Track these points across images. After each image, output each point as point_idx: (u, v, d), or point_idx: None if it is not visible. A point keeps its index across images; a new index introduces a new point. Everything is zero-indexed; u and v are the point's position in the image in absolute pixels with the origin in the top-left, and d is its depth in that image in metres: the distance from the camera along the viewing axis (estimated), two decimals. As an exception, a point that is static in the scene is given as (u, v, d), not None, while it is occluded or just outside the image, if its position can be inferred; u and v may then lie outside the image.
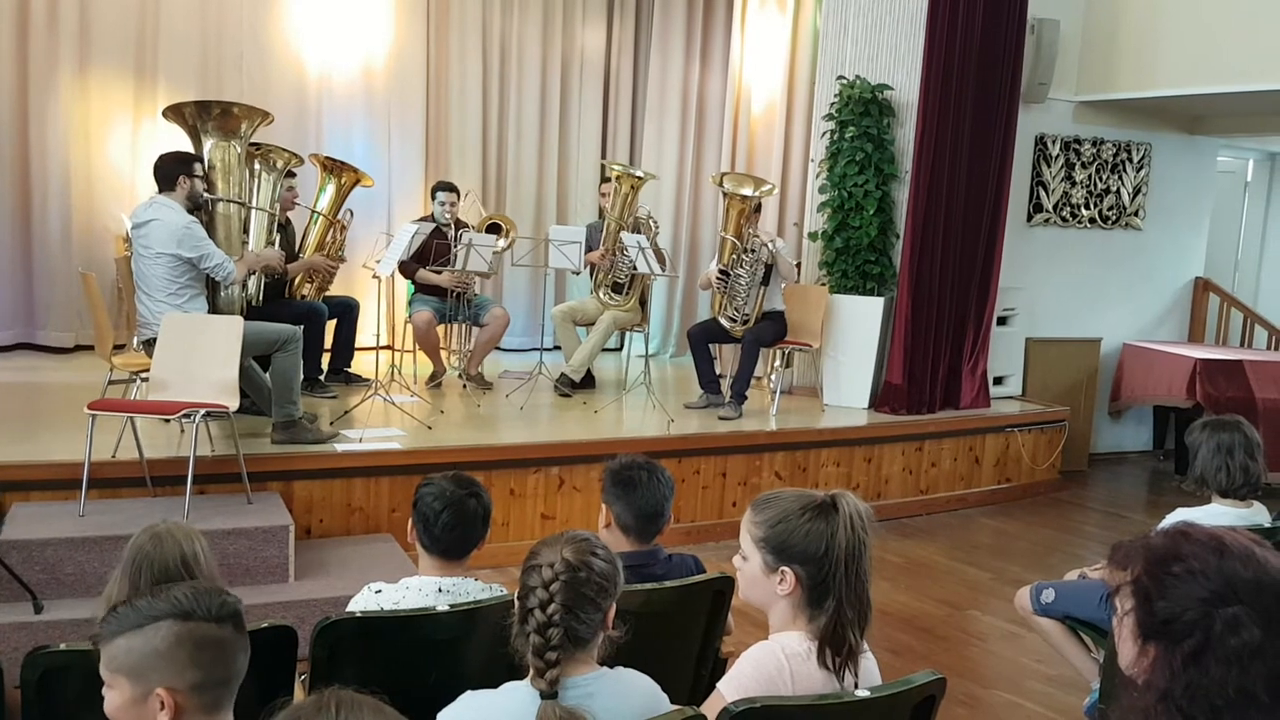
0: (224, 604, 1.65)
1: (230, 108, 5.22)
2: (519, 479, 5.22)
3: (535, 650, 1.78)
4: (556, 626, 1.77)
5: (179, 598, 1.65)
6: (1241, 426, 3.36)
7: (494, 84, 8.40)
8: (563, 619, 1.78)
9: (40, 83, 6.98)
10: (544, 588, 1.79)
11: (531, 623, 1.79)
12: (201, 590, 1.67)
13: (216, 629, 1.62)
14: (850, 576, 1.91)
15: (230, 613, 1.65)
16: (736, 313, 6.41)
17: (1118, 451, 8.28)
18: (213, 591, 1.67)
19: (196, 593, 1.66)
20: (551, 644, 1.77)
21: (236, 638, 1.65)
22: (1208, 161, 8.43)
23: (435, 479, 2.56)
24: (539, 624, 1.78)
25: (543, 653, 1.77)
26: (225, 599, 1.66)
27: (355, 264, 6.87)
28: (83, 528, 4.05)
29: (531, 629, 1.78)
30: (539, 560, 1.84)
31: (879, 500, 6.29)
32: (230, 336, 4.55)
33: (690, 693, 2.56)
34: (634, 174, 6.92)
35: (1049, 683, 4.07)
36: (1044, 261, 7.66)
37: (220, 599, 1.66)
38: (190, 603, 1.63)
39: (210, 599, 1.65)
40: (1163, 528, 1.52)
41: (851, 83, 6.72)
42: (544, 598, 1.79)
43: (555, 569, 1.80)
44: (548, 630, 1.77)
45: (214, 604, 1.64)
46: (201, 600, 1.64)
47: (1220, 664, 1.31)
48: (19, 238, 7.06)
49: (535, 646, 1.78)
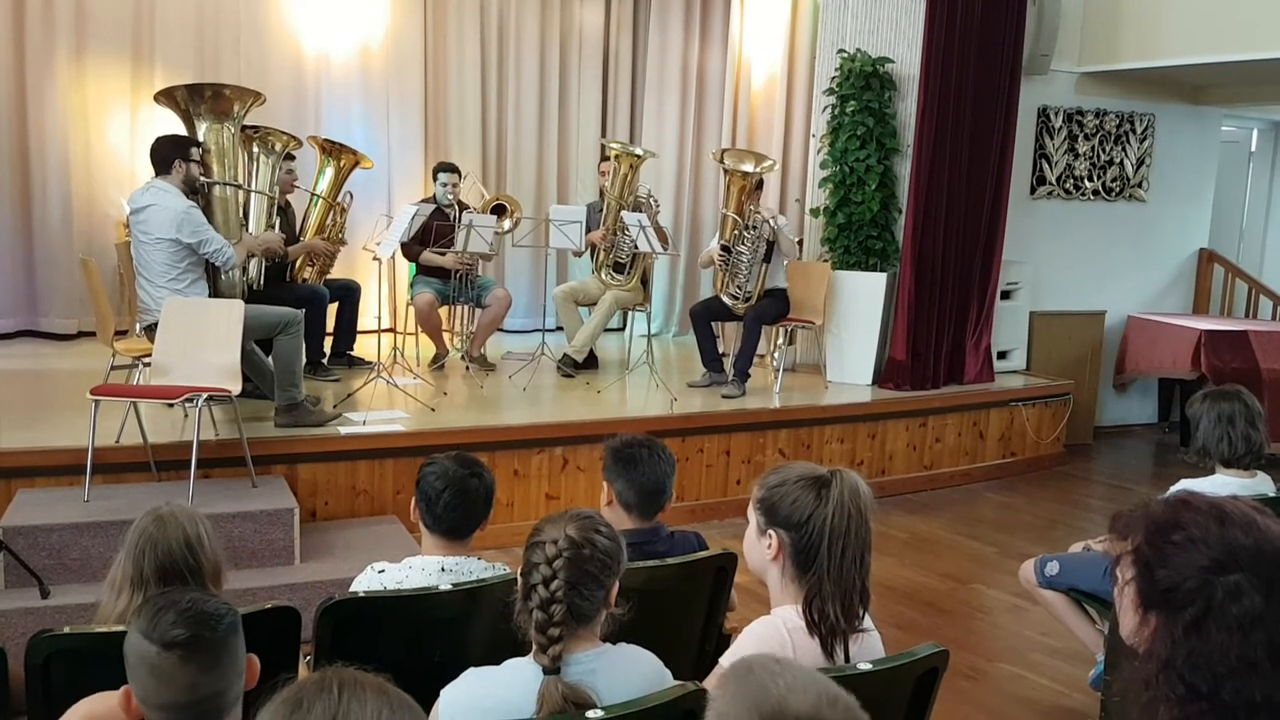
0: (175, 635, 1.60)
1: (221, 90, 5.19)
2: (523, 459, 5.22)
3: (538, 626, 1.78)
4: (559, 603, 1.78)
5: (147, 612, 1.63)
6: (1241, 395, 3.35)
7: (492, 63, 8.36)
8: (566, 595, 1.78)
9: (37, 68, 6.96)
10: (547, 564, 1.80)
11: (535, 599, 1.79)
12: (168, 609, 1.62)
13: (157, 655, 1.60)
14: (835, 552, 1.90)
15: (179, 641, 1.59)
16: (739, 290, 6.39)
17: (1123, 424, 8.28)
18: (182, 613, 1.62)
19: (158, 612, 1.62)
20: (554, 620, 1.78)
21: (181, 668, 1.59)
22: (1211, 131, 8.37)
23: (438, 459, 2.56)
24: (542, 600, 1.78)
25: (545, 629, 1.78)
26: (177, 631, 1.59)
27: (356, 246, 6.86)
28: (88, 513, 4.07)
29: (535, 605, 1.79)
30: (542, 537, 1.84)
31: (883, 476, 6.29)
32: (231, 320, 4.55)
33: (694, 669, 2.57)
34: (633, 152, 6.88)
35: (1054, 655, 4.08)
36: (1047, 234, 7.63)
37: (175, 629, 1.59)
38: (147, 622, 1.62)
39: (164, 624, 1.60)
40: (1163, 497, 1.51)
41: (852, 56, 6.67)
42: (547, 574, 1.79)
43: (559, 545, 1.80)
44: (550, 606, 1.78)
45: (165, 631, 1.60)
46: (157, 622, 1.61)
47: (1222, 632, 1.30)
48: (20, 225, 7.06)
49: (538, 622, 1.78)
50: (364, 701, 1.16)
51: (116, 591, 2.18)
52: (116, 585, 2.19)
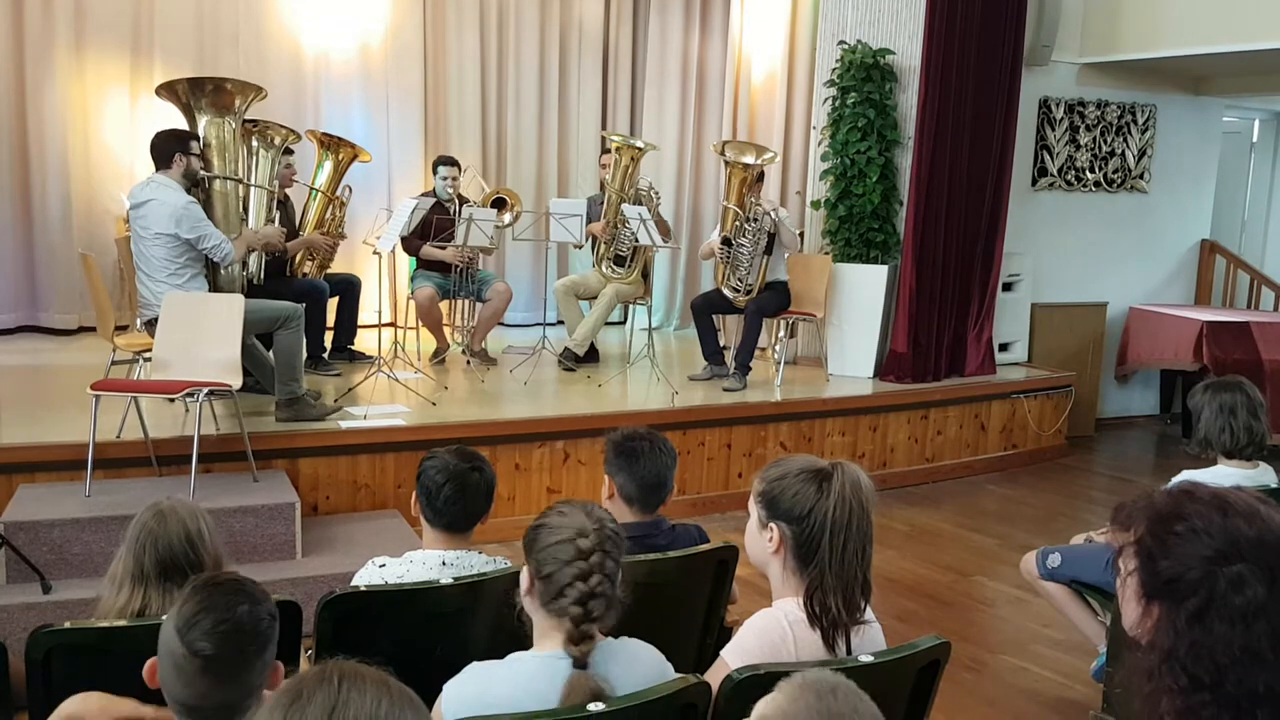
0: (201, 647, 1.61)
1: (223, 83, 5.17)
2: (524, 453, 5.22)
3: (576, 620, 1.76)
4: (599, 597, 1.77)
5: (190, 606, 1.64)
6: (1243, 386, 3.35)
7: (492, 56, 8.34)
8: (605, 588, 1.78)
9: (36, 62, 6.94)
10: (583, 559, 1.78)
11: (571, 595, 1.77)
12: (206, 616, 1.63)
13: (182, 656, 1.61)
14: (836, 545, 1.90)
15: (204, 654, 1.60)
16: (739, 283, 6.39)
17: (1124, 416, 8.27)
18: (217, 624, 1.62)
19: (199, 613, 1.63)
20: (593, 615, 1.77)
21: (199, 676, 1.60)
22: (1213, 122, 8.35)
23: (439, 452, 2.56)
24: (581, 595, 1.76)
25: (582, 622, 1.77)
26: (204, 644, 1.60)
27: (356, 241, 6.85)
28: (89, 508, 4.06)
29: (571, 601, 1.77)
30: (562, 535, 1.80)
31: (885, 469, 6.29)
32: (232, 315, 4.54)
33: (695, 662, 2.57)
34: (634, 145, 6.87)
35: (1055, 647, 4.08)
36: (1049, 226, 7.62)
37: (204, 640, 1.60)
38: (185, 620, 1.63)
39: (197, 630, 1.61)
40: (1166, 488, 1.51)
41: (853, 48, 6.65)
42: (584, 569, 1.77)
43: (591, 540, 1.79)
44: (590, 601, 1.77)
45: (196, 638, 1.61)
46: (193, 625, 1.62)
47: (1224, 622, 1.30)
48: (20, 220, 7.05)
49: (575, 617, 1.76)
50: (364, 692, 1.15)
51: (117, 586, 2.18)
52: (117, 580, 2.19)
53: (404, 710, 1.16)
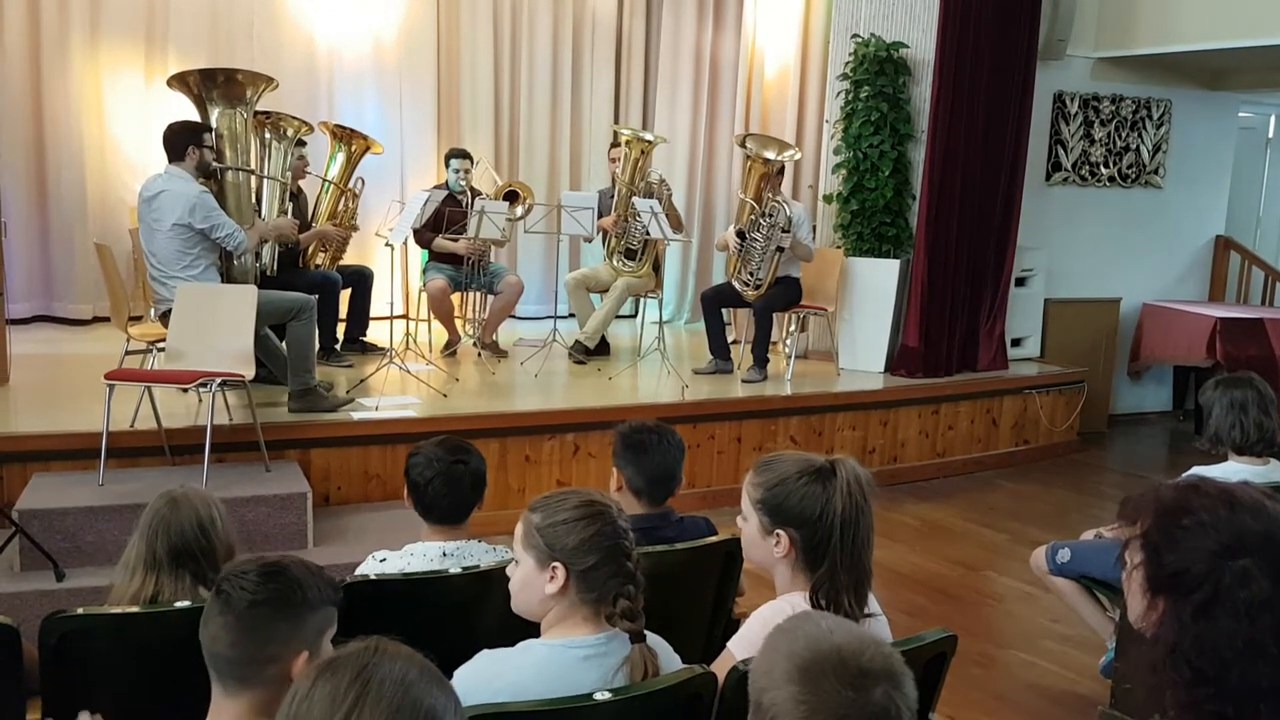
0: (223, 585, 1.66)
1: (234, 74, 5.19)
2: (534, 446, 5.23)
3: (629, 596, 1.82)
4: (638, 571, 1.85)
5: (254, 562, 1.70)
6: (1254, 382, 3.33)
7: (505, 49, 8.34)
8: (640, 565, 1.86)
9: (52, 54, 6.98)
10: (625, 539, 1.85)
11: (618, 580, 1.82)
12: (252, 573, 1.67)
13: (213, 592, 1.66)
14: (846, 541, 1.91)
15: (219, 591, 1.65)
16: (750, 277, 6.37)
17: (1137, 412, 8.23)
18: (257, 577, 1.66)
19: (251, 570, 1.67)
20: (641, 589, 1.84)
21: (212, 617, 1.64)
22: (1228, 118, 8.29)
23: (424, 446, 2.57)
24: (627, 573, 1.83)
25: (634, 597, 1.83)
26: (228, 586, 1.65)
27: (368, 233, 6.87)
28: (102, 497, 4.10)
29: (621, 581, 1.82)
30: (595, 528, 1.83)
31: (895, 464, 6.28)
32: (245, 305, 4.56)
33: (703, 653, 2.56)
34: (643, 138, 6.86)
35: (1065, 642, 4.07)
36: (1063, 221, 7.59)
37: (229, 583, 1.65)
38: (237, 565, 1.69)
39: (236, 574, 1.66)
40: (1173, 482, 1.51)
41: (866, 41, 6.63)
42: (628, 547, 1.85)
43: (621, 524, 1.85)
44: (634, 578, 1.84)
45: (226, 577, 1.66)
46: (238, 569, 1.68)
47: (1229, 616, 1.30)
48: (35, 211, 7.10)
49: (629, 594, 1.82)
50: (394, 660, 1.20)
51: (130, 573, 2.21)
52: (130, 566, 2.22)
53: (431, 685, 1.20)
